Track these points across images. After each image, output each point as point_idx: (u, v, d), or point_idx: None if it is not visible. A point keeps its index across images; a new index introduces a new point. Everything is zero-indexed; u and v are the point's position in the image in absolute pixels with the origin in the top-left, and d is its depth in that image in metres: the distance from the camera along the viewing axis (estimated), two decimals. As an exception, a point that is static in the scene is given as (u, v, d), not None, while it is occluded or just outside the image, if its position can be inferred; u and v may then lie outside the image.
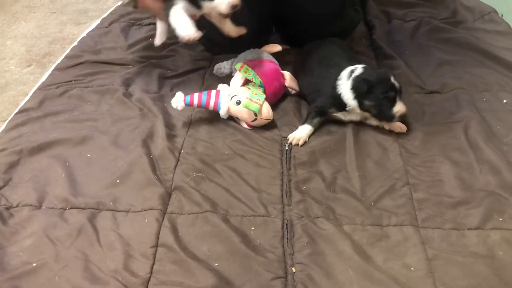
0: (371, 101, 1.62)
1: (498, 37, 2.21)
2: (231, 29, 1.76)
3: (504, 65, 2.00)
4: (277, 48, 1.99)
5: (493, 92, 1.85)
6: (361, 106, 1.64)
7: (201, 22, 2.15)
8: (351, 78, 1.65)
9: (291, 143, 1.64)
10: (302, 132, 1.66)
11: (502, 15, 2.39)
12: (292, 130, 1.70)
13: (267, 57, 1.91)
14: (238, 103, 1.68)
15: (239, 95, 1.69)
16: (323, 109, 1.71)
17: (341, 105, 1.68)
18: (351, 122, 1.71)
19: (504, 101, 1.80)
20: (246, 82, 1.77)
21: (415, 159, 1.56)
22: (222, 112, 1.71)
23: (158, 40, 1.95)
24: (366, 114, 1.67)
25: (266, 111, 1.68)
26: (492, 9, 2.43)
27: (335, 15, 2.08)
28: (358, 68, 1.67)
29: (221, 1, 1.62)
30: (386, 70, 1.74)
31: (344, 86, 1.66)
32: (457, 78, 1.94)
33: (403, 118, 1.66)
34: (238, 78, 1.78)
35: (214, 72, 2.01)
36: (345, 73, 1.69)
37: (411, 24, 2.38)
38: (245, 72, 1.73)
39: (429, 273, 1.20)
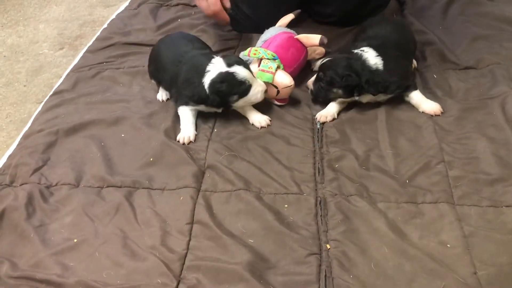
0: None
1: (536, 9, 2.13)
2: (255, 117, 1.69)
3: (543, 38, 1.93)
4: (290, 17, 1.97)
5: (531, 67, 1.79)
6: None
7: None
8: None
9: (317, 120, 1.64)
10: (329, 109, 1.65)
11: (541, -13, 2.29)
12: (323, 108, 1.69)
13: (282, 30, 1.89)
14: (265, 91, 1.67)
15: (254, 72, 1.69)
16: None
17: None
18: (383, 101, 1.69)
19: (543, 75, 1.75)
20: (260, 62, 1.75)
21: (450, 136, 1.53)
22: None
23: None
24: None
25: (284, 77, 1.66)
26: (530, -20, 2.33)
27: None
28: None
29: (256, 91, 1.61)
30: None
31: None
32: (493, 53, 1.88)
33: (436, 96, 1.64)
34: (253, 63, 1.77)
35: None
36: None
37: (444, -2, 2.31)
38: (255, 54, 1.72)
39: (466, 250, 1.19)
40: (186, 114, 1.65)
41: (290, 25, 1.98)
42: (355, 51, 1.67)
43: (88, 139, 1.63)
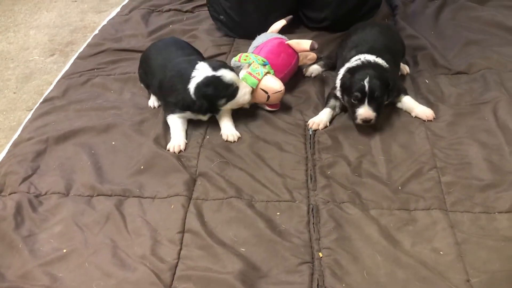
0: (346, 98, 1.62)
1: (527, 14, 2.14)
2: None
3: (534, 43, 1.93)
4: (281, 23, 1.97)
5: (523, 72, 1.80)
6: (343, 99, 1.64)
7: (217, 9, 2.16)
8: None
9: (309, 127, 1.63)
10: (322, 116, 1.64)
11: (531, -8, 2.31)
12: (315, 114, 1.68)
13: (273, 36, 1.89)
14: (252, 92, 1.67)
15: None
16: (335, 94, 1.69)
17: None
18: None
19: (535, 80, 1.75)
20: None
21: (442, 141, 1.53)
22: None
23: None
24: None
25: (273, 82, 1.65)
26: (521, -15, 2.34)
27: None
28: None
29: (243, 93, 1.61)
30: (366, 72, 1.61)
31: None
32: (484, 58, 1.89)
33: (428, 101, 1.63)
34: (243, 68, 1.77)
35: (231, 65, 1.98)
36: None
37: (435, 3, 2.32)
38: (245, 60, 1.71)
39: (459, 257, 1.18)
40: (175, 122, 1.64)
41: (281, 31, 1.98)
42: (359, 62, 1.64)
43: (78, 147, 1.61)
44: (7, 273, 1.23)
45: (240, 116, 1.70)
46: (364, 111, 1.54)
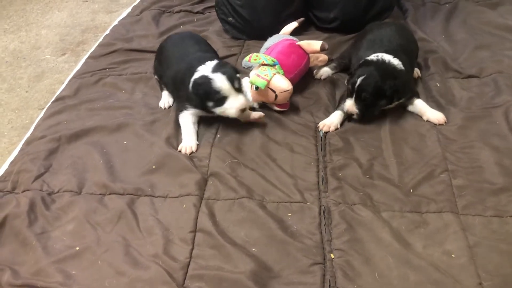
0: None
1: (539, 18, 2.14)
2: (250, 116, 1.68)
3: (545, 47, 1.93)
4: (293, 25, 1.98)
5: (534, 76, 1.79)
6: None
7: (226, 11, 2.18)
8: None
9: (319, 129, 1.63)
10: (333, 119, 1.65)
11: (543, -4, 2.30)
12: (326, 116, 1.69)
13: (284, 37, 1.90)
14: (257, 88, 1.68)
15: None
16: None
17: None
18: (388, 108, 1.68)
19: (546, 84, 1.74)
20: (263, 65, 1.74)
21: (454, 145, 1.53)
22: (250, 100, 1.72)
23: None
24: None
25: (282, 81, 1.66)
26: (532, -11, 2.34)
27: None
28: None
29: (230, 106, 1.57)
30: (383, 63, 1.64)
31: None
32: (495, 61, 1.89)
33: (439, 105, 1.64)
34: (254, 68, 1.78)
35: (242, 65, 1.99)
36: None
37: (446, 6, 2.32)
38: (255, 60, 1.72)
39: (470, 260, 1.18)
40: (187, 121, 1.65)
41: (292, 33, 1.99)
42: (373, 58, 1.64)
43: (90, 146, 1.63)
44: (21, 270, 1.24)
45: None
46: (349, 105, 1.62)
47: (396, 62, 1.64)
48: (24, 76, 2.52)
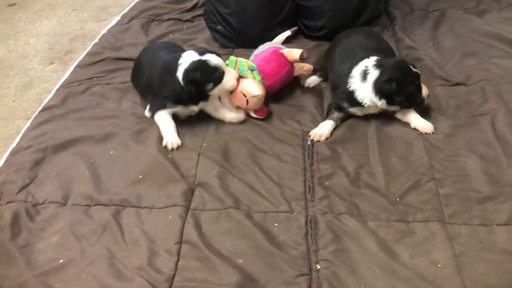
0: (400, 96, 1.59)
1: (525, 26, 2.15)
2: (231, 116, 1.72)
3: (532, 55, 1.94)
4: (286, 34, 1.99)
5: (520, 83, 1.80)
6: (391, 103, 1.61)
7: (214, 20, 2.18)
8: (371, 81, 1.60)
9: (310, 139, 1.63)
10: (323, 128, 1.64)
11: (529, 4, 2.32)
12: (314, 124, 1.68)
13: (273, 45, 1.90)
14: (231, 92, 1.69)
15: None
16: (339, 105, 1.68)
17: (354, 102, 1.65)
18: (374, 116, 1.69)
19: (533, 92, 1.75)
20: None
21: (440, 153, 1.53)
22: (226, 106, 1.73)
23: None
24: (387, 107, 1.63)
25: (252, 86, 1.66)
26: (519, -3, 2.36)
27: (362, 5, 2.06)
28: (370, 67, 1.61)
29: (228, 79, 1.64)
30: (402, 60, 1.68)
31: (358, 85, 1.63)
32: (482, 69, 1.90)
33: (427, 113, 1.65)
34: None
35: None
36: (356, 71, 1.64)
37: (434, 14, 2.33)
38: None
39: (456, 270, 1.18)
40: (164, 118, 1.66)
41: (284, 41, 1.99)
42: (365, 63, 1.64)
43: (76, 156, 1.61)
44: (3, 283, 1.22)
45: (239, 126, 1.70)
46: (425, 88, 1.65)
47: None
48: (11, 85, 2.50)
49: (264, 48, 1.90)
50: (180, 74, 1.60)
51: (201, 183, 1.48)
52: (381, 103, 1.61)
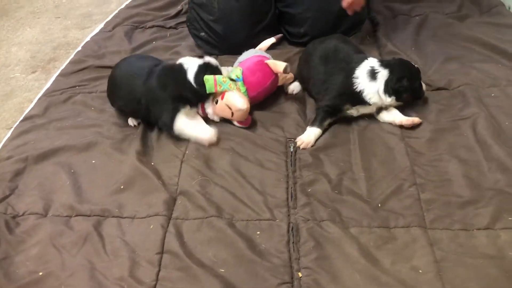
0: (408, 92, 1.68)
1: (505, 30, 2.17)
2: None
3: (512, 59, 1.96)
4: (271, 41, 1.98)
5: (501, 87, 1.82)
6: (399, 99, 1.69)
7: (197, 27, 2.17)
8: (383, 80, 1.65)
9: (295, 145, 1.63)
10: (310, 136, 1.63)
11: (509, 8, 2.35)
12: (297, 131, 1.68)
13: (257, 53, 1.89)
14: (217, 102, 1.69)
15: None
16: (335, 107, 1.69)
17: (358, 101, 1.68)
18: (356, 122, 1.69)
19: (513, 96, 1.77)
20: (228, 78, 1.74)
21: (422, 158, 1.54)
22: (210, 116, 1.74)
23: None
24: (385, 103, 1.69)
25: (237, 100, 1.65)
26: (499, 2, 2.39)
27: (344, 12, 2.07)
28: (378, 67, 1.67)
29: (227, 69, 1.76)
30: (403, 59, 1.78)
31: (366, 84, 1.66)
32: (464, 73, 1.91)
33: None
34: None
35: None
36: (361, 72, 1.67)
37: (416, 19, 2.34)
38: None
39: (437, 275, 1.18)
40: (187, 120, 1.67)
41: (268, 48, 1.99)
42: (369, 64, 1.69)
43: (58, 166, 1.60)
44: (-19, 297, 1.21)
45: (221, 133, 1.69)
46: (423, 84, 1.75)
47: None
48: (-8, 95, 2.48)
49: (248, 55, 1.90)
50: (191, 77, 1.66)
51: (184, 191, 1.48)
52: (390, 100, 1.67)
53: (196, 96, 1.69)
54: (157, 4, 2.63)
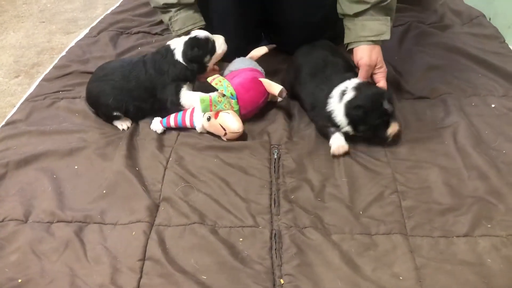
0: (365, 125, 1.57)
1: (486, 41, 2.22)
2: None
3: (492, 69, 2.00)
4: (263, 50, 1.97)
5: (481, 97, 1.86)
6: (356, 130, 1.59)
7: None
8: (344, 102, 1.58)
9: (279, 151, 1.63)
10: (341, 140, 1.59)
11: (490, 19, 2.40)
12: (281, 138, 1.68)
13: (251, 65, 1.89)
14: (209, 119, 1.68)
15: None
16: (326, 127, 1.65)
17: (333, 123, 1.62)
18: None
19: (493, 105, 1.80)
20: (222, 95, 1.73)
21: (403, 165, 1.56)
22: (198, 129, 1.73)
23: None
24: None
25: (233, 123, 1.66)
26: (480, 13, 2.43)
27: (326, 22, 2.08)
28: (349, 89, 1.59)
29: (219, 44, 1.78)
30: (380, 90, 1.65)
31: (336, 107, 1.60)
32: (445, 83, 1.94)
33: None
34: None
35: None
36: (336, 92, 1.62)
37: (399, 29, 2.38)
38: (216, 84, 1.71)
39: (417, 282, 1.20)
40: (189, 92, 1.74)
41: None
42: (346, 84, 1.62)
43: (39, 172, 1.58)
44: (-42, 305, 1.19)
45: (205, 139, 1.70)
46: (395, 126, 1.59)
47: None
48: (-25, 100, 2.45)
49: (241, 65, 1.87)
50: (179, 57, 1.71)
51: (167, 198, 1.47)
52: (347, 127, 1.59)
53: (191, 73, 1.74)
54: (143, 10, 2.63)
